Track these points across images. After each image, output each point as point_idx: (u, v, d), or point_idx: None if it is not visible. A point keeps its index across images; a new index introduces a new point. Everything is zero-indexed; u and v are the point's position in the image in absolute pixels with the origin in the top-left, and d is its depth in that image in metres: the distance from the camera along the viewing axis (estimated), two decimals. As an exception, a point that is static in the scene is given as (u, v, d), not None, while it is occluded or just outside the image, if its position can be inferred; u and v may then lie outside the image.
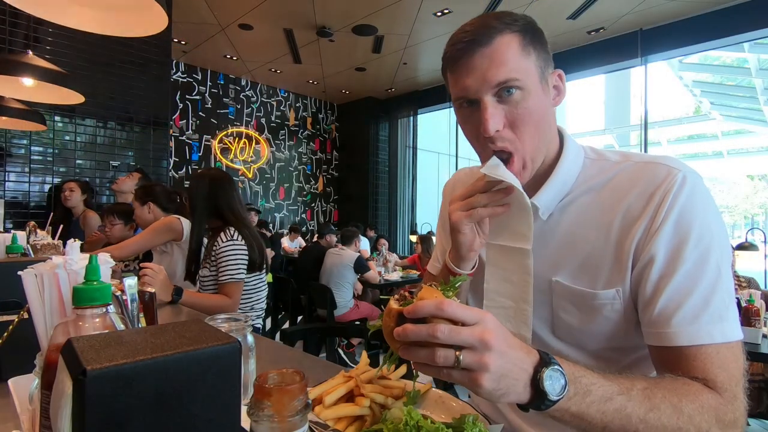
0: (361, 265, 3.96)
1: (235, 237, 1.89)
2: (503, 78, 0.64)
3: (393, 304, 0.52)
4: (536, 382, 0.50)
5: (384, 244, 6.13)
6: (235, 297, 1.86)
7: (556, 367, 0.51)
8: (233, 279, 1.85)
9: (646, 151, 6.04)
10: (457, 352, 0.47)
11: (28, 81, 2.19)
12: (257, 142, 7.99)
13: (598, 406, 0.53)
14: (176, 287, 1.74)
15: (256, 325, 2.09)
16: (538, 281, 0.75)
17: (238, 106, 7.75)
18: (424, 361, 0.49)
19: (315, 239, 5.36)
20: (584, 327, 0.71)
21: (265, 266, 2.06)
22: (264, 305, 2.11)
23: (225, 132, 7.54)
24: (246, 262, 1.90)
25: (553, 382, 0.50)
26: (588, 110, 21.32)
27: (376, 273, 4.53)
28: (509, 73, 0.64)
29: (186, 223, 2.28)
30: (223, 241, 1.88)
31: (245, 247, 1.90)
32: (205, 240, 2.08)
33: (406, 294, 0.54)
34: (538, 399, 0.50)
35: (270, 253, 5.60)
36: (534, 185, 0.74)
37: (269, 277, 4.13)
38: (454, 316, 0.48)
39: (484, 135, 0.67)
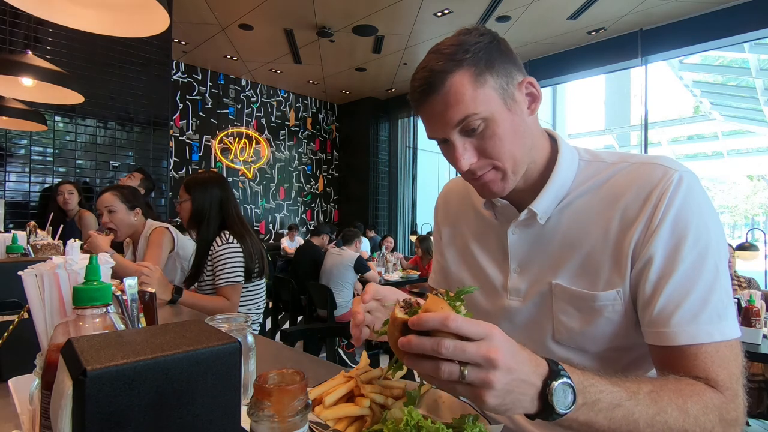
0: (361, 265, 3.96)
1: (230, 240, 1.85)
2: (461, 117, 0.66)
3: (398, 312, 0.51)
4: (544, 396, 0.49)
5: (387, 243, 6.10)
6: (234, 299, 1.83)
7: (565, 380, 0.50)
8: (230, 282, 1.82)
9: (646, 151, 6.04)
10: (462, 368, 0.46)
11: (28, 81, 2.19)
12: (257, 143, 7.99)
13: (606, 413, 0.53)
14: (176, 286, 1.73)
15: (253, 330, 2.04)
16: (538, 285, 0.75)
17: (239, 107, 7.75)
18: (428, 373, 0.48)
19: (308, 237, 5.35)
20: (585, 330, 0.70)
21: (264, 273, 2.01)
22: (262, 310, 2.06)
23: (225, 132, 7.54)
24: (243, 265, 1.86)
25: (561, 396, 0.50)
26: (588, 110, 21.35)
27: (376, 273, 4.53)
28: (466, 110, 0.65)
29: (174, 232, 2.23)
30: (219, 245, 1.85)
31: (241, 250, 1.87)
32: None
33: (412, 301, 0.53)
34: (545, 411, 0.50)
35: None
36: (531, 192, 0.75)
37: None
38: (459, 331, 0.46)
39: (460, 172, 0.72)
